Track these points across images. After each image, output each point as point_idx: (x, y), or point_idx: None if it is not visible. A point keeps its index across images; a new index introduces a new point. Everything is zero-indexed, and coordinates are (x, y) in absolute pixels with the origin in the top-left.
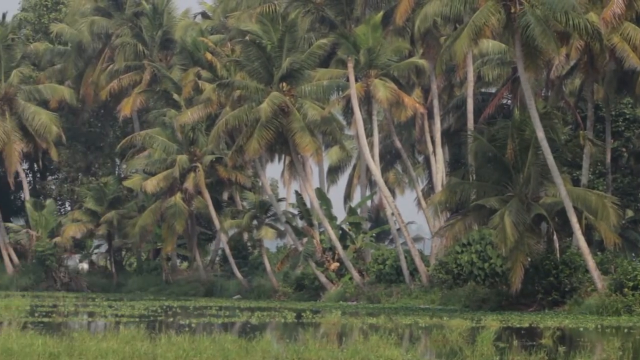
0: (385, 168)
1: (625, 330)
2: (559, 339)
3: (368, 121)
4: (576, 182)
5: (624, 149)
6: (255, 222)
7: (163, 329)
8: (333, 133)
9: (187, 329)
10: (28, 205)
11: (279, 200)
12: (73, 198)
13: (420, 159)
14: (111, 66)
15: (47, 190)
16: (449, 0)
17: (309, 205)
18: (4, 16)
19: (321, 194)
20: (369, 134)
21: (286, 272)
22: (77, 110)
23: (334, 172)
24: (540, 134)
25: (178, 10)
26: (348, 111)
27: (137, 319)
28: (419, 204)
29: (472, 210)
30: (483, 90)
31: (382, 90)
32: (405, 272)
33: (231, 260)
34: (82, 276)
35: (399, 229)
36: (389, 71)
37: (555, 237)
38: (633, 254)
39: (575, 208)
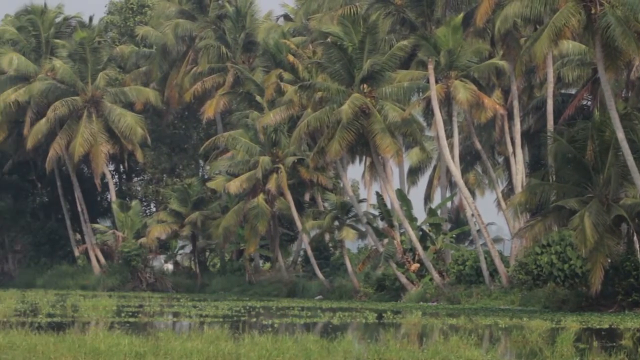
0: (465, 169)
1: None
2: (639, 340)
3: (448, 122)
4: None
5: None
6: (336, 223)
7: (246, 329)
8: (413, 134)
9: (269, 329)
10: (114, 207)
11: (360, 201)
12: (158, 199)
13: (500, 160)
14: (195, 68)
15: (133, 191)
16: (529, 1)
17: (389, 206)
18: (90, 19)
19: (402, 195)
20: (449, 135)
21: (367, 272)
22: (162, 112)
23: (414, 173)
24: (621, 134)
25: (261, 13)
26: (428, 112)
27: (220, 319)
28: (498, 205)
29: (551, 211)
30: (563, 91)
31: (463, 91)
32: (485, 273)
33: (313, 260)
34: (167, 277)
35: (479, 230)
36: (469, 72)
37: (635, 238)
38: None
39: None
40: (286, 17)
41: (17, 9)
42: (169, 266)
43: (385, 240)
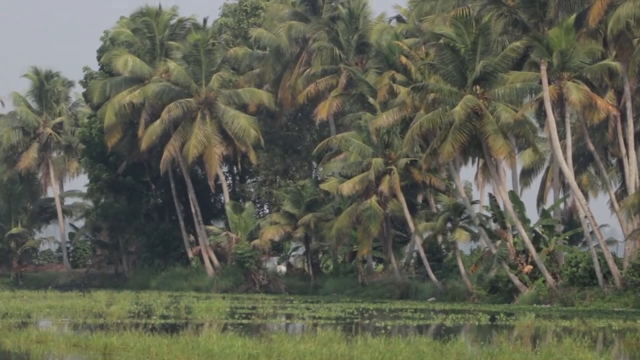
0: (578, 170)
1: None
2: None
3: (561, 124)
4: None
5: None
6: (449, 224)
7: (359, 331)
8: (526, 136)
9: (382, 331)
10: (228, 208)
11: (473, 202)
12: (271, 201)
13: (614, 161)
14: (308, 70)
15: (246, 193)
16: None
17: (502, 208)
18: (204, 21)
19: (514, 197)
20: (562, 137)
21: (480, 274)
22: (275, 114)
23: (527, 174)
24: None
25: (373, 15)
26: (541, 114)
27: (333, 321)
28: (612, 206)
29: None
30: None
31: (575, 92)
32: (599, 275)
33: (426, 262)
34: (280, 278)
35: (592, 232)
36: (581, 73)
37: None
38: None
39: None
40: (399, 19)
41: (132, 11)
42: (282, 268)
43: (498, 242)
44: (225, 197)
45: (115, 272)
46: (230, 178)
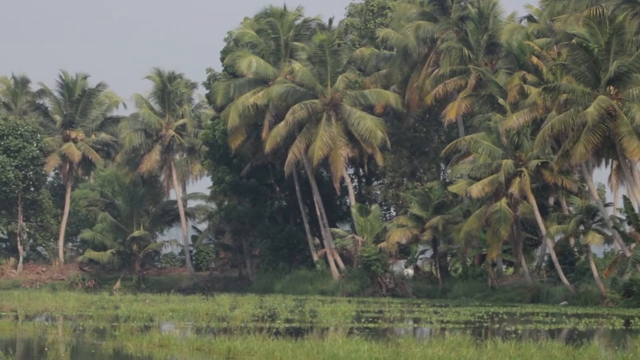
0: None
1: None
2: None
3: None
4: None
5: None
6: (581, 227)
7: (489, 335)
8: None
9: (513, 335)
10: (354, 211)
11: (606, 205)
12: (398, 203)
13: None
14: (436, 71)
15: (373, 195)
16: None
17: (637, 210)
18: (330, 21)
19: None
20: None
21: (614, 278)
22: (402, 115)
23: None
24: None
25: (504, 14)
26: None
27: (462, 325)
28: None
29: None
30: None
31: None
32: None
33: (557, 265)
34: (407, 282)
35: None
36: None
37: None
38: None
39: None
40: (530, 19)
41: (257, 11)
42: (409, 271)
43: (633, 245)
44: (351, 199)
45: (238, 275)
46: (356, 180)
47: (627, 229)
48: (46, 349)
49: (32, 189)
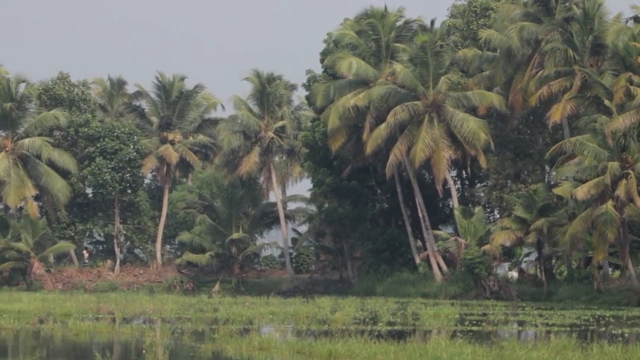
0: None
1: None
2: None
3: None
4: None
5: None
6: None
7: (595, 338)
8: None
9: (619, 338)
10: (456, 213)
11: None
12: (502, 205)
13: None
14: (540, 72)
15: (476, 197)
16: None
17: None
18: (432, 23)
19: None
20: None
21: None
22: (506, 117)
23: None
24: None
25: (609, 15)
26: None
27: (567, 329)
28: None
29: None
30: None
31: None
32: None
33: None
34: (511, 284)
35: None
36: None
37: None
38: None
39: None
40: (636, 20)
41: (357, 12)
42: (514, 274)
43: None
44: (454, 201)
45: (339, 278)
46: (459, 182)
47: None
48: (144, 351)
49: (129, 191)
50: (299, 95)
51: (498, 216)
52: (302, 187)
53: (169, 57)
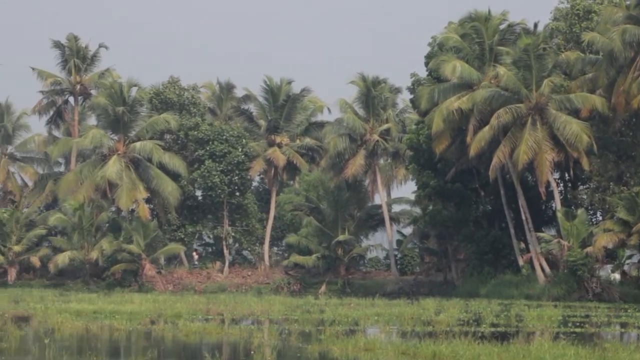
0: None
1: None
2: None
3: None
4: None
5: None
6: None
7: None
8: None
9: None
10: (559, 215)
11: None
12: (604, 208)
13: None
14: None
15: (578, 199)
16: None
17: None
18: (535, 26)
19: None
20: None
21: None
22: (608, 119)
23: None
24: None
25: None
26: None
27: None
28: None
29: None
30: None
31: None
32: None
33: None
34: (614, 286)
35: None
36: None
37: None
38: None
39: None
40: None
41: (461, 16)
42: (616, 276)
43: None
44: (557, 203)
45: (443, 280)
46: (561, 184)
47: None
48: (252, 352)
49: (237, 193)
50: (404, 99)
51: (600, 218)
52: (407, 189)
53: (275, 60)
